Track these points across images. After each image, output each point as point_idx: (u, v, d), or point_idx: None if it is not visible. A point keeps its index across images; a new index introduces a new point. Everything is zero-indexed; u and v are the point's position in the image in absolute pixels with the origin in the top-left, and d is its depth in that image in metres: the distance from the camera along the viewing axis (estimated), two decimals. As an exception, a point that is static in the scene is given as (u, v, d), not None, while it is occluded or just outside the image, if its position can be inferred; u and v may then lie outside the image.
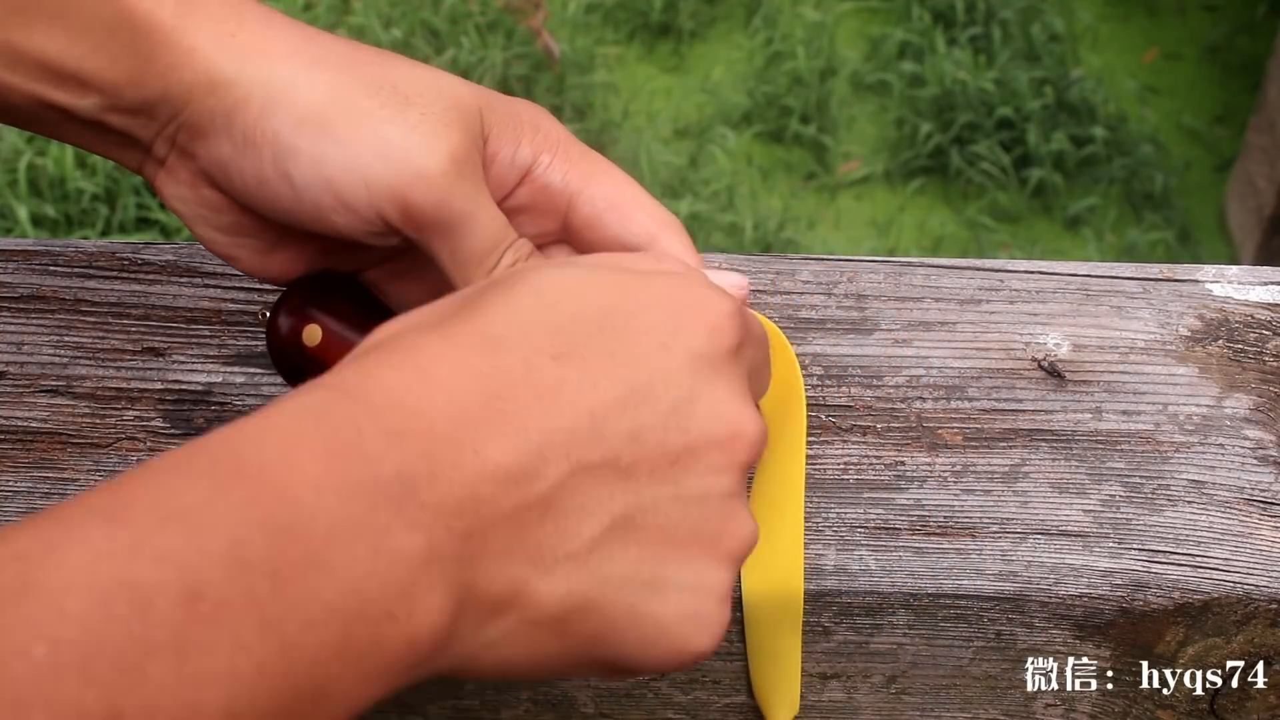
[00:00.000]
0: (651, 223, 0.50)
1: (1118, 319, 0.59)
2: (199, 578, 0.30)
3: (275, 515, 0.32)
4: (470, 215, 0.47)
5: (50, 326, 0.58)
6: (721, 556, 0.40)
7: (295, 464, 0.34)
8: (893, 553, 0.53)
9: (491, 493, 0.36)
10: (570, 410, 0.37)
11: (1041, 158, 2.58)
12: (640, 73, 2.78)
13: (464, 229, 0.47)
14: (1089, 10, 2.90)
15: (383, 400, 0.36)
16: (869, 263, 0.60)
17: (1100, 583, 0.52)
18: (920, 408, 0.56)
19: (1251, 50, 2.79)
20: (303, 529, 0.32)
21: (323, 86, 0.47)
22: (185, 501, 0.32)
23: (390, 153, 0.46)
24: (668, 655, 0.39)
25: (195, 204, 0.50)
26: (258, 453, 0.34)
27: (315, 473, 0.34)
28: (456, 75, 0.50)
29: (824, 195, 2.60)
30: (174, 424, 0.56)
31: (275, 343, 0.51)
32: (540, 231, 0.51)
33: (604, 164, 0.51)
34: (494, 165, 0.49)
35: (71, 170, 2.37)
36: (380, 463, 0.34)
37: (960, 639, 0.53)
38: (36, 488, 0.54)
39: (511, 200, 0.50)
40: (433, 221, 0.47)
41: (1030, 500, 0.54)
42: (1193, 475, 0.55)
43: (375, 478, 0.34)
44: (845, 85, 2.75)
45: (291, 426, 0.35)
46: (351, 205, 0.47)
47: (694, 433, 0.39)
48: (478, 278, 0.48)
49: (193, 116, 0.48)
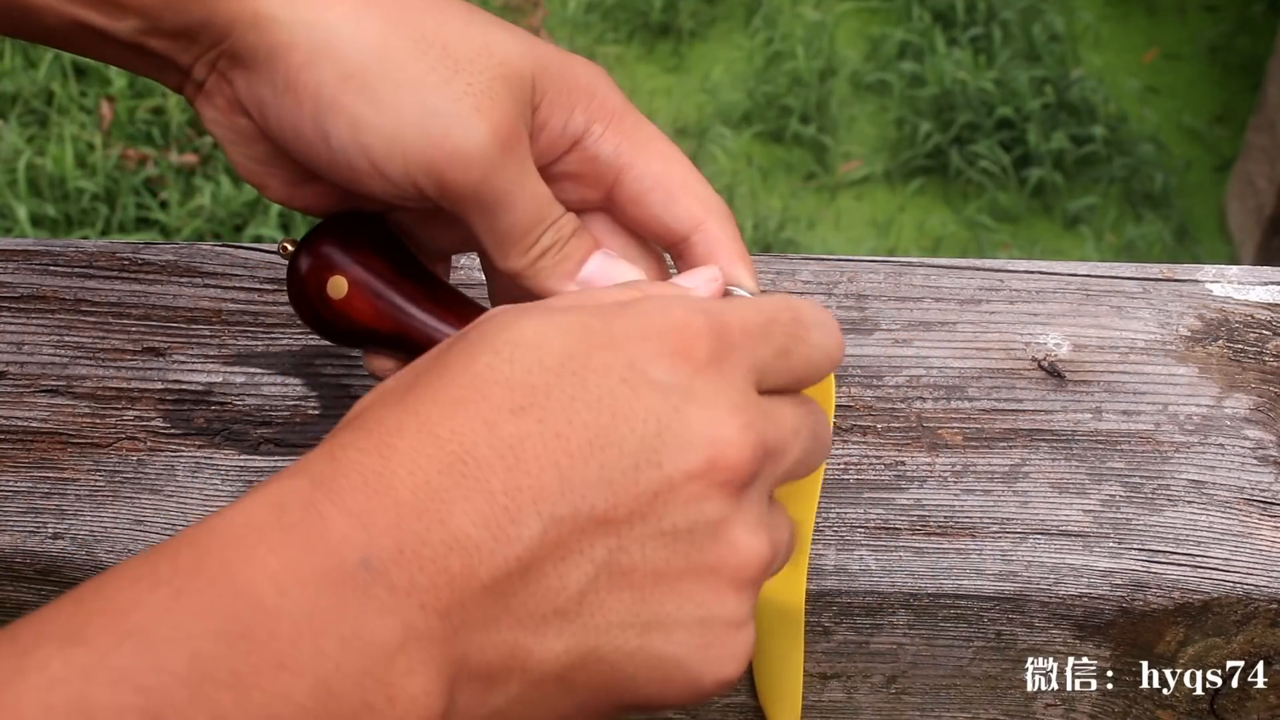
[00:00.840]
0: (698, 208, 0.48)
1: (1118, 319, 0.59)
2: (159, 700, 0.30)
3: (236, 621, 0.31)
4: (509, 195, 0.46)
5: (50, 326, 0.58)
6: (725, 584, 0.38)
7: (256, 560, 0.32)
8: (893, 553, 0.53)
9: (464, 564, 0.34)
10: (534, 465, 0.36)
11: (1041, 157, 2.58)
12: (640, 72, 2.78)
13: (502, 208, 0.46)
14: (1089, 10, 2.90)
15: (347, 482, 0.34)
16: (869, 263, 0.60)
17: (1100, 583, 0.52)
18: (920, 408, 0.56)
19: (1251, 50, 2.79)
20: (265, 631, 0.31)
21: (371, 40, 0.45)
22: (143, 615, 0.31)
23: (432, 125, 0.45)
24: (689, 689, 0.38)
25: (230, 130, 0.49)
26: (220, 550, 0.33)
27: (276, 567, 0.32)
28: (514, 29, 0.48)
29: (824, 195, 2.60)
30: (174, 424, 0.56)
31: (297, 289, 0.50)
32: (583, 199, 0.50)
33: (657, 139, 0.49)
34: (543, 133, 0.48)
35: (71, 170, 2.37)
36: (344, 548, 0.33)
37: (960, 639, 0.53)
38: (36, 488, 0.54)
39: (558, 166, 0.49)
40: (470, 199, 0.46)
41: (1030, 500, 0.54)
42: (1193, 475, 0.55)
43: (340, 565, 0.33)
44: (845, 85, 2.75)
45: (255, 519, 0.33)
46: (387, 174, 0.45)
47: (667, 466, 0.37)
48: (516, 255, 0.47)
49: (234, 47, 0.46)
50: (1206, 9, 2.91)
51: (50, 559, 0.53)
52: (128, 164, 2.44)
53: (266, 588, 0.32)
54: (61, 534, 0.53)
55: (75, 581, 0.53)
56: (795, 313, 0.41)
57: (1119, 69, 2.80)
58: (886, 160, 2.65)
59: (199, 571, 0.32)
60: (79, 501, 0.54)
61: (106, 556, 0.52)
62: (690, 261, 0.49)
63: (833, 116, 2.68)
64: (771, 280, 0.60)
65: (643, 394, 0.37)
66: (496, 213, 0.46)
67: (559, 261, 0.48)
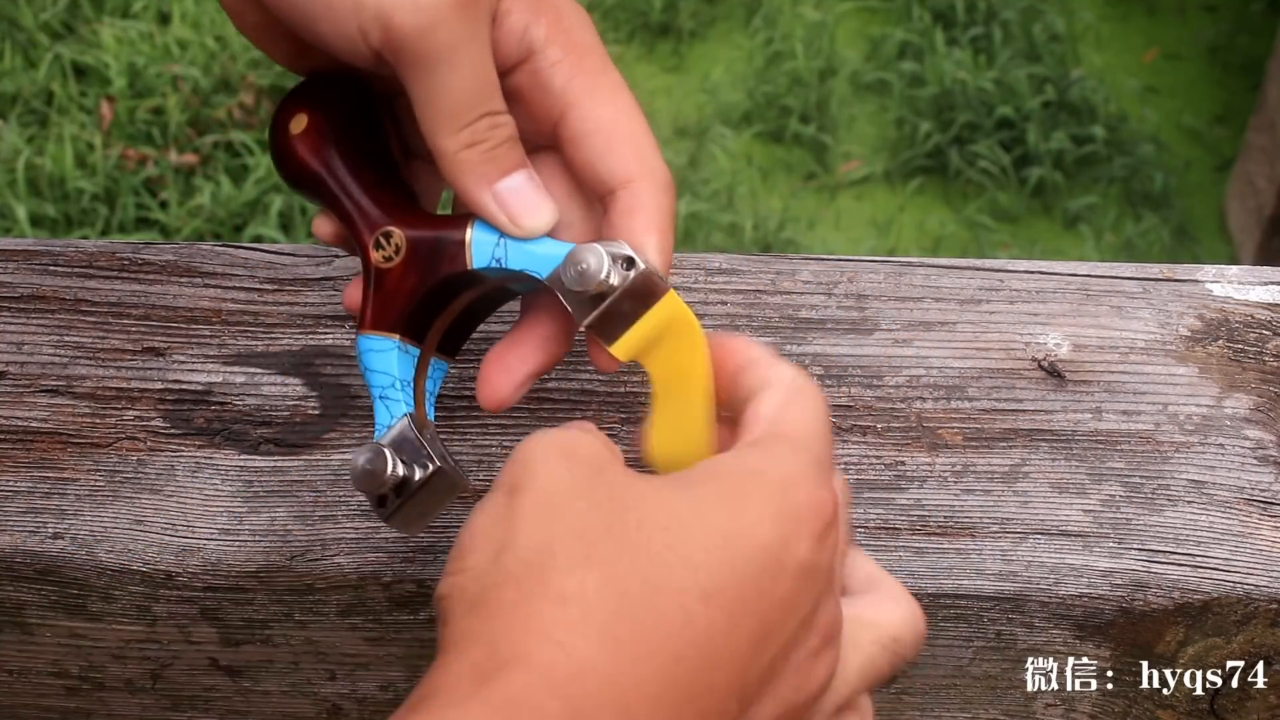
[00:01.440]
0: (634, 164, 0.47)
1: (1118, 319, 0.59)
2: None
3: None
4: (455, 52, 0.45)
5: (50, 326, 0.58)
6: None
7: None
8: (893, 553, 0.53)
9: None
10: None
11: (1041, 157, 2.58)
12: (640, 72, 2.77)
13: (446, 66, 0.45)
14: (1089, 10, 2.90)
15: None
16: (869, 263, 0.60)
17: (1100, 583, 0.52)
18: (920, 408, 0.56)
19: (1251, 50, 2.79)
20: None
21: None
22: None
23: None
24: None
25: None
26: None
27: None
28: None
29: (824, 195, 2.60)
30: (174, 424, 0.56)
31: (271, 125, 0.50)
32: (530, 132, 0.48)
33: (616, 88, 0.48)
34: (502, 26, 0.47)
35: (71, 170, 2.37)
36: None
37: (960, 639, 0.53)
38: (36, 488, 0.54)
39: (509, 80, 0.47)
40: (413, 50, 0.44)
41: (1030, 500, 0.54)
42: (1193, 475, 0.55)
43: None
44: (845, 85, 2.75)
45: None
46: (337, 11, 0.44)
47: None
48: (446, 131, 0.46)
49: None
50: (1206, 9, 2.91)
51: (50, 559, 0.53)
52: (127, 164, 2.44)
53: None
54: (61, 534, 0.53)
55: (75, 581, 0.53)
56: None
57: (1119, 69, 2.80)
58: (886, 160, 2.64)
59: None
60: (79, 501, 0.54)
61: (106, 556, 0.52)
62: (609, 220, 0.47)
63: (833, 116, 2.68)
64: (771, 280, 0.60)
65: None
66: (438, 71, 0.45)
67: (484, 160, 0.47)
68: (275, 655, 0.55)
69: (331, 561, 0.52)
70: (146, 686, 0.57)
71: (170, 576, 0.52)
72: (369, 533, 0.53)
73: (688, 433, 0.47)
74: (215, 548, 0.53)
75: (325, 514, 0.54)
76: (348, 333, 0.58)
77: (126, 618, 0.54)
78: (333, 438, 0.55)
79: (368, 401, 0.56)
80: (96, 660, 0.56)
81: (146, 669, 0.56)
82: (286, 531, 0.53)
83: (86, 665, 0.56)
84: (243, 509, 0.54)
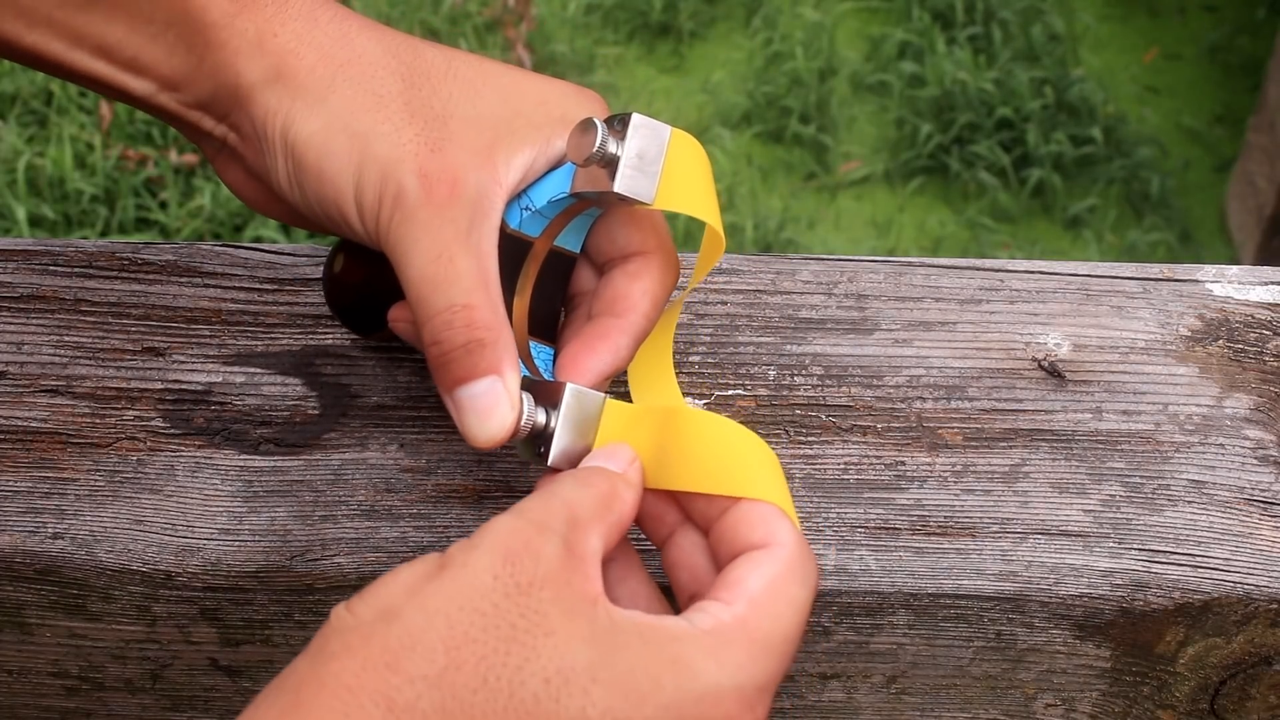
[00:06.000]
0: (653, 241, 0.50)
1: (1118, 319, 0.59)
2: None
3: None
4: (416, 242, 0.46)
5: (50, 326, 0.58)
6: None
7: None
8: (893, 553, 0.53)
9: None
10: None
11: (1041, 158, 2.58)
12: (640, 73, 2.77)
13: (402, 254, 0.47)
14: (1089, 10, 2.90)
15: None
16: (869, 263, 0.60)
17: (1100, 583, 0.52)
18: (920, 408, 0.56)
19: (1251, 50, 2.79)
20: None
21: (337, 102, 0.48)
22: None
23: (368, 164, 0.47)
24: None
25: (249, 192, 0.52)
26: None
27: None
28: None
29: (824, 195, 2.60)
30: (174, 424, 0.56)
31: (322, 275, 0.57)
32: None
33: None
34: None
35: (71, 170, 2.37)
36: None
37: (960, 639, 0.53)
38: (36, 488, 0.54)
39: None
40: (384, 231, 0.47)
41: (1030, 500, 0.54)
42: (1193, 475, 0.55)
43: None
44: (845, 85, 2.75)
45: None
46: (340, 206, 0.48)
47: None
48: (419, 320, 0.47)
49: (239, 120, 0.49)
50: (1207, 9, 2.91)
51: (50, 559, 0.52)
52: (127, 164, 2.44)
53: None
54: (61, 534, 0.53)
55: (75, 581, 0.53)
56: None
57: (1119, 69, 2.80)
58: (886, 160, 2.65)
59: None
60: (79, 501, 0.54)
61: (106, 556, 0.52)
62: (610, 277, 0.50)
63: (833, 117, 2.68)
64: (771, 280, 0.60)
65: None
66: (399, 258, 0.47)
67: (441, 364, 0.47)
68: (275, 655, 0.55)
69: (331, 562, 0.52)
70: (146, 686, 0.57)
71: (170, 576, 0.52)
72: (369, 533, 0.53)
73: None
74: (215, 548, 0.53)
75: (325, 514, 0.54)
76: (347, 333, 0.58)
77: (126, 618, 0.54)
78: (332, 438, 0.55)
79: (368, 401, 0.56)
80: (96, 660, 0.56)
81: (146, 669, 0.56)
82: (286, 532, 0.53)
83: (86, 665, 0.56)
84: (242, 509, 0.54)
